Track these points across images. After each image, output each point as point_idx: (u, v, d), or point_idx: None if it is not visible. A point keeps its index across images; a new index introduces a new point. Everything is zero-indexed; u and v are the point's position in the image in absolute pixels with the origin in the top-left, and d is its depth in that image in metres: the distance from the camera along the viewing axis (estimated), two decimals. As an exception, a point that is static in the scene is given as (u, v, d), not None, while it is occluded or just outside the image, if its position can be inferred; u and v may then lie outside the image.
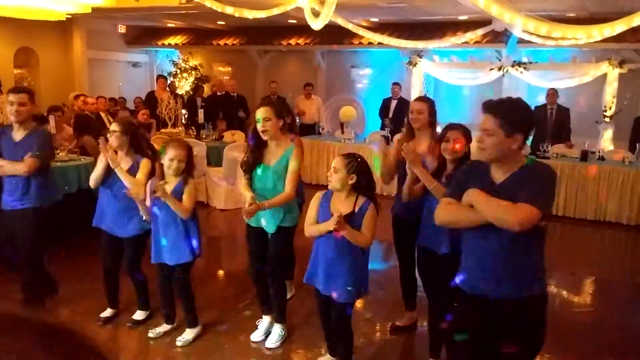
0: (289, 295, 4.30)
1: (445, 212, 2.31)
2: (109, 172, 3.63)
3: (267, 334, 3.68)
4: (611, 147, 8.57)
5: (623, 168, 7.11)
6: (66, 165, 5.75)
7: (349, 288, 2.92)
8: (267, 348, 3.58)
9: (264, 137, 3.32)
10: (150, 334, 3.68)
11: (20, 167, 3.63)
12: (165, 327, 3.74)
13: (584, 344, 3.77)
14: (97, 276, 4.00)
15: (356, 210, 2.87)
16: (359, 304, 4.23)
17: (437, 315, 3.22)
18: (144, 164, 3.62)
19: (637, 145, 7.49)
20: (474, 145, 2.32)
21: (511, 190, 2.13)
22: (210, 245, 6.11)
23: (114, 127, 3.62)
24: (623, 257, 6.38)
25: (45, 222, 3.83)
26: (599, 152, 7.65)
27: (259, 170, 3.39)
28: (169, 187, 3.41)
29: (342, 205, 2.90)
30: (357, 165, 2.87)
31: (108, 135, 3.63)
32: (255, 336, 3.68)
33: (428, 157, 3.37)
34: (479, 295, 2.26)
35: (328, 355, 3.30)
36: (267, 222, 3.43)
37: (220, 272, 5.10)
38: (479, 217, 2.15)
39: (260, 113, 3.29)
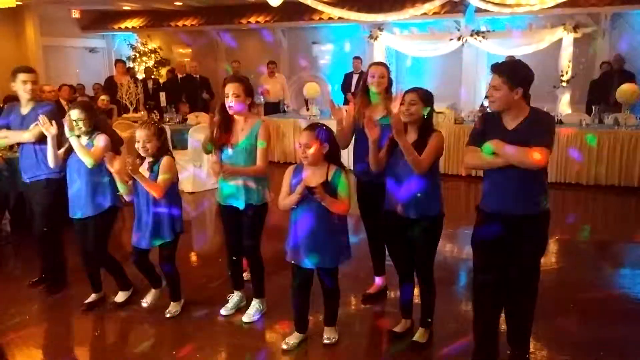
0: None
1: (473, 159, 2.86)
2: (67, 154, 3.69)
3: (237, 308, 3.75)
4: (569, 111, 8.82)
5: (581, 130, 7.34)
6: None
7: (331, 256, 3.05)
8: (244, 322, 3.62)
9: (230, 112, 3.36)
10: (143, 304, 3.83)
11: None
12: (153, 294, 3.90)
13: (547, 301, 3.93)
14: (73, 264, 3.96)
15: (329, 179, 2.94)
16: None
17: (408, 279, 3.34)
18: (100, 138, 3.63)
19: (593, 107, 7.75)
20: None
21: (523, 135, 2.67)
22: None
23: (78, 114, 3.57)
24: (584, 217, 6.63)
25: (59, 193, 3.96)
26: (558, 116, 7.87)
27: (229, 150, 3.42)
28: (143, 169, 3.46)
29: (314, 176, 2.96)
30: (325, 133, 2.94)
31: (70, 123, 3.59)
32: (225, 310, 3.74)
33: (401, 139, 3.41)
34: (498, 213, 2.80)
35: (296, 333, 3.33)
36: (237, 199, 3.49)
37: (192, 255, 5.11)
38: (502, 161, 2.70)
39: (230, 88, 3.33)
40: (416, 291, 3.38)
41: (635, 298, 4.06)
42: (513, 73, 2.69)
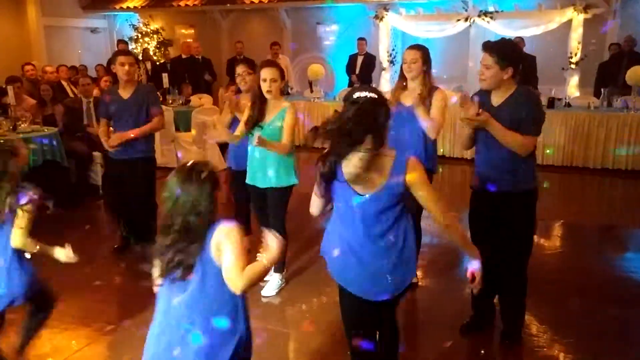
0: None
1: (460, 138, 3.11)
2: None
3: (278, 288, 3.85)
4: (577, 94, 8.69)
5: (589, 113, 7.24)
6: (30, 136, 5.58)
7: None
8: (263, 296, 3.72)
9: (267, 97, 3.50)
10: None
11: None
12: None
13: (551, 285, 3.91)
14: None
15: None
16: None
17: None
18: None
19: (602, 90, 7.63)
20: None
21: (506, 113, 2.77)
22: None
23: None
24: (590, 201, 6.58)
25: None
26: (566, 98, 7.76)
27: (258, 129, 3.53)
28: None
29: None
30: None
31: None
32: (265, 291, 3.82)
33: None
34: (486, 190, 2.89)
35: None
36: (261, 177, 3.62)
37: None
38: (467, 132, 2.95)
39: (268, 73, 3.47)
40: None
41: (639, 282, 4.02)
42: (505, 53, 2.76)
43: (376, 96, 2.08)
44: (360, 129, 2.00)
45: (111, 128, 4.44)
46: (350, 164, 2.05)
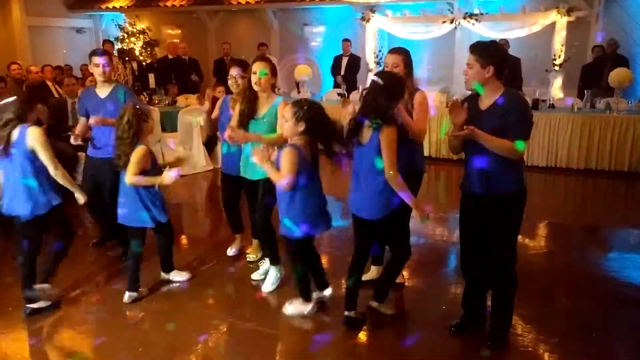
0: None
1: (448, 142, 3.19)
2: None
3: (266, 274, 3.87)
4: (561, 95, 8.80)
5: (572, 115, 7.34)
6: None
7: (287, 223, 3.20)
8: (263, 291, 3.74)
9: (256, 89, 3.55)
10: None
11: None
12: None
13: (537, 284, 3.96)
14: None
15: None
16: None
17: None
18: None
19: (585, 92, 7.74)
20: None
21: (494, 117, 2.79)
22: (170, 212, 6.04)
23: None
24: (574, 201, 6.66)
25: None
26: (550, 100, 7.86)
27: (251, 123, 3.61)
28: None
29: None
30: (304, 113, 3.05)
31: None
32: (256, 275, 3.90)
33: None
34: (474, 192, 2.97)
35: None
36: (252, 171, 3.66)
37: (183, 237, 5.07)
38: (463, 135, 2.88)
39: (257, 67, 3.52)
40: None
41: (623, 281, 4.08)
42: (485, 51, 2.82)
43: (382, 82, 2.99)
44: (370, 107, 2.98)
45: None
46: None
